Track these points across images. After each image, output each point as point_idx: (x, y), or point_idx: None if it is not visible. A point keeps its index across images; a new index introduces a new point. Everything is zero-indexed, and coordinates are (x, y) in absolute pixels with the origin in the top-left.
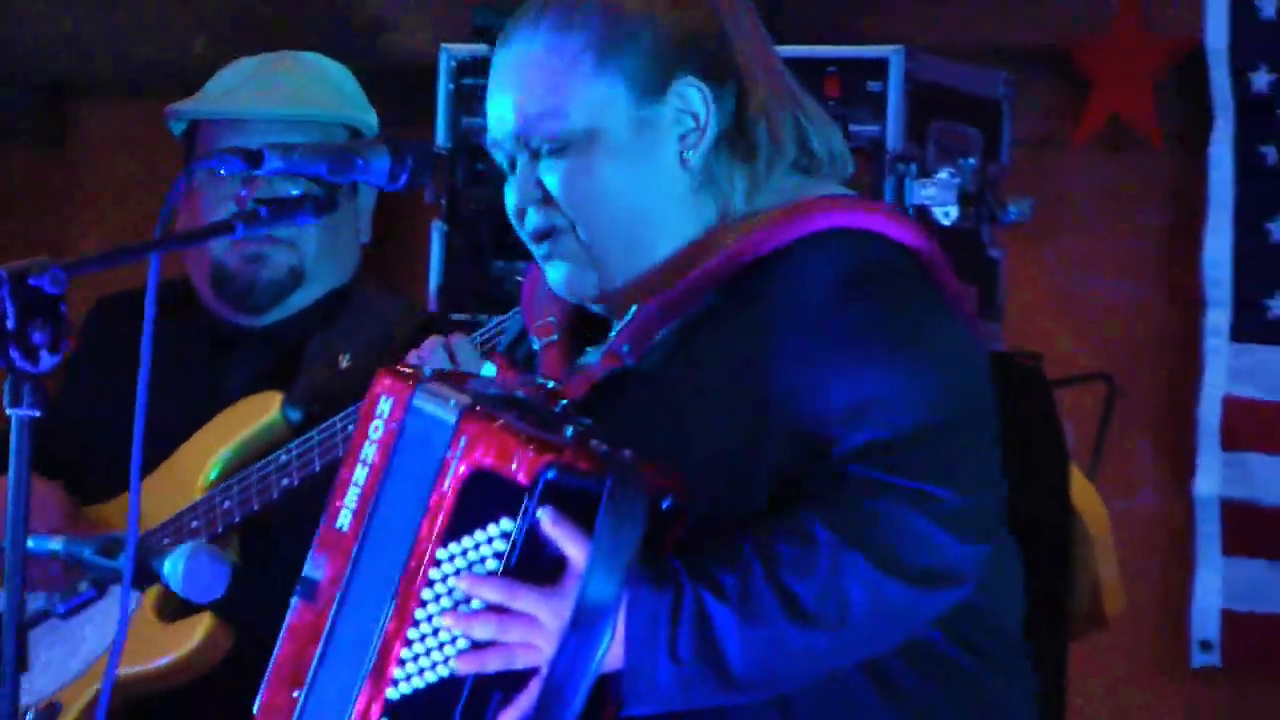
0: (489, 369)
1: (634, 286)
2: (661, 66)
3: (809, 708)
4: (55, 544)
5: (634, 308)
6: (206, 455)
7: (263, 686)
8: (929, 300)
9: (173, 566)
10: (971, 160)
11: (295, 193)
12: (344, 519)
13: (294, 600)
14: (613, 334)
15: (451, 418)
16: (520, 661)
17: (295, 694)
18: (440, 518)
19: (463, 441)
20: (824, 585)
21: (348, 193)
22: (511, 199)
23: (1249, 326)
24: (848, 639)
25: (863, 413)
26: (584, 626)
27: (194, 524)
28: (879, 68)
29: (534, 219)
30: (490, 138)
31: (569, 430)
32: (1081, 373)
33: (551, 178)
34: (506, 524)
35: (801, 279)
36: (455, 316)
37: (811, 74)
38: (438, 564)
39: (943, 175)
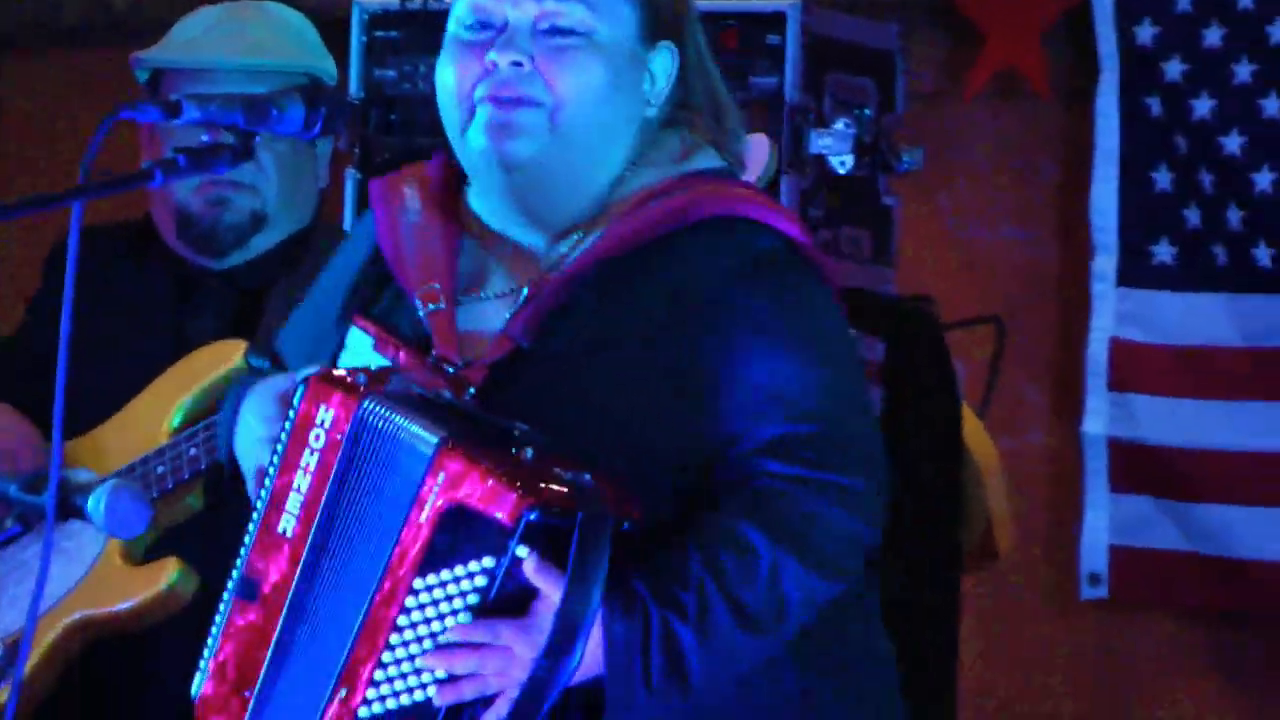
0: (362, 345)
1: (552, 210)
2: (660, 23)
3: None
4: None
5: (524, 289)
6: (170, 401)
7: (201, 679)
8: (821, 292)
9: (95, 503)
10: (867, 111)
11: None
12: (286, 524)
13: (229, 597)
14: (491, 283)
15: (428, 450)
16: (494, 688)
17: (246, 694)
18: (416, 548)
19: (442, 476)
20: (766, 591)
21: (305, 140)
22: (472, 66)
23: (1134, 272)
24: (783, 633)
25: (771, 404)
26: (556, 653)
27: (160, 469)
28: (777, 21)
29: (511, 78)
30: (482, 4)
31: (529, 452)
32: (972, 316)
33: (558, 56)
34: (488, 561)
35: (697, 265)
36: None
37: (711, 27)
38: (414, 593)
39: (839, 126)
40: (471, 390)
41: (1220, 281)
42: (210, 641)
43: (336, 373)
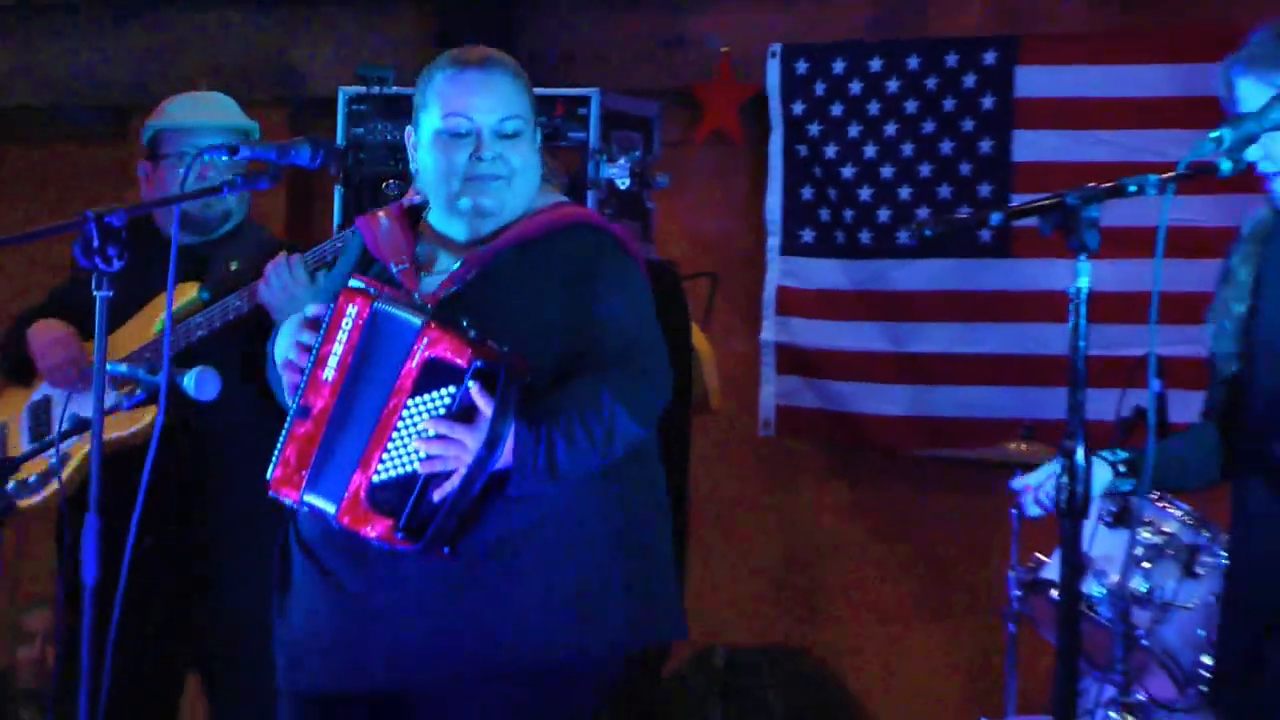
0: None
1: (493, 227)
2: (535, 115)
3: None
4: (122, 367)
5: (461, 259)
6: (155, 315)
7: (274, 467)
8: (634, 264)
9: (189, 379)
10: (637, 153)
11: (228, 177)
12: (327, 374)
13: (290, 419)
14: (439, 264)
15: (418, 324)
16: (452, 465)
17: (303, 473)
18: (410, 382)
19: (425, 340)
20: (606, 425)
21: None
22: (457, 152)
23: (790, 247)
24: (611, 453)
25: (612, 325)
26: (489, 446)
27: (148, 355)
28: (585, 100)
29: (495, 166)
30: (466, 116)
31: (473, 333)
32: (698, 272)
33: (512, 150)
34: (452, 389)
35: (570, 246)
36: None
37: (547, 104)
38: (408, 408)
39: (620, 161)
40: (429, 307)
41: (839, 252)
42: (278, 446)
43: (359, 285)
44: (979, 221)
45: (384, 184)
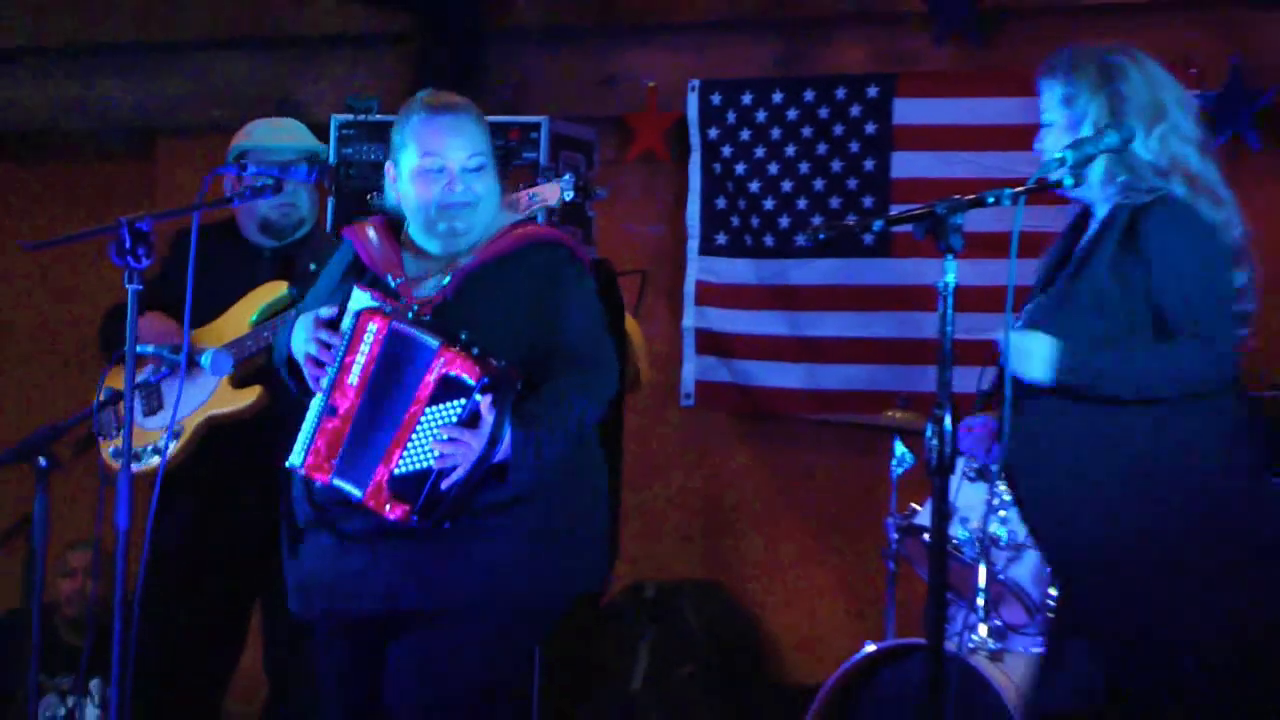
0: (363, 299)
1: (465, 244)
2: (492, 142)
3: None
4: (150, 348)
5: (450, 274)
6: (251, 308)
7: (305, 455)
8: (587, 271)
9: (206, 359)
10: (581, 169)
11: (269, 182)
12: (352, 380)
13: (318, 416)
14: (430, 276)
15: (435, 344)
16: (459, 461)
17: (332, 462)
18: (426, 393)
19: (442, 359)
20: (577, 420)
21: (313, 184)
22: (439, 185)
23: (707, 248)
24: (582, 438)
25: (574, 330)
26: (490, 445)
27: (248, 344)
28: (537, 126)
29: (465, 195)
30: (439, 155)
31: (475, 350)
32: (631, 269)
33: (478, 180)
34: (462, 401)
35: (538, 262)
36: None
37: (503, 129)
38: (425, 415)
39: (567, 177)
40: (427, 317)
41: (748, 253)
42: (304, 439)
43: (374, 305)
44: (863, 227)
45: (369, 196)
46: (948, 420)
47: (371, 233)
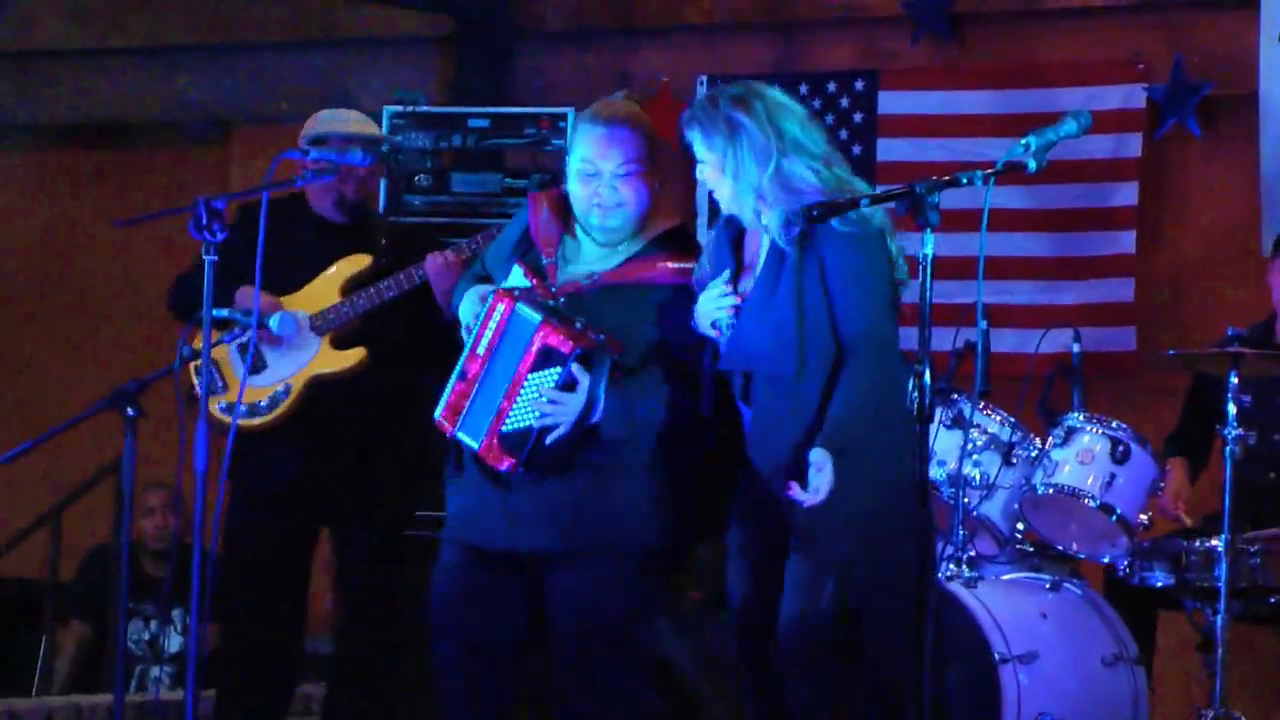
0: (518, 275)
1: (616, 240)
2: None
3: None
4: (225, 311)
5: (597, 275)
6: (339, 279)
7: (442, 407)
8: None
9: (274, 320)
10: None
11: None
12: (481, 349)
13: (454, 378)
14: (586, 259)
15: (538, 319)
16: (559, 421)
17: (458, 417)
18: (530, 361)
19: (542, 332)
20: (648, 406)
21: (376, 164)
22: (589, 187)
23: (714, 223)
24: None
25: (660, 344)
26: (588, 409)
27: (345, 309)
28: (563, 116)
29: (613, 198)
30: (593, 162)
31: (579, 323)
32: None
33: (626, 184)
34: (559, 367)
35: (652, 293)
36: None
37: (534, 118)
38: (528, 379)
39: None
40: (561, 300)
41: None
42: (444, 396)
43: (507, 288)
44: (852, 205)
45: (415, 177)
46: (927, 375)
47: (546, 207)
